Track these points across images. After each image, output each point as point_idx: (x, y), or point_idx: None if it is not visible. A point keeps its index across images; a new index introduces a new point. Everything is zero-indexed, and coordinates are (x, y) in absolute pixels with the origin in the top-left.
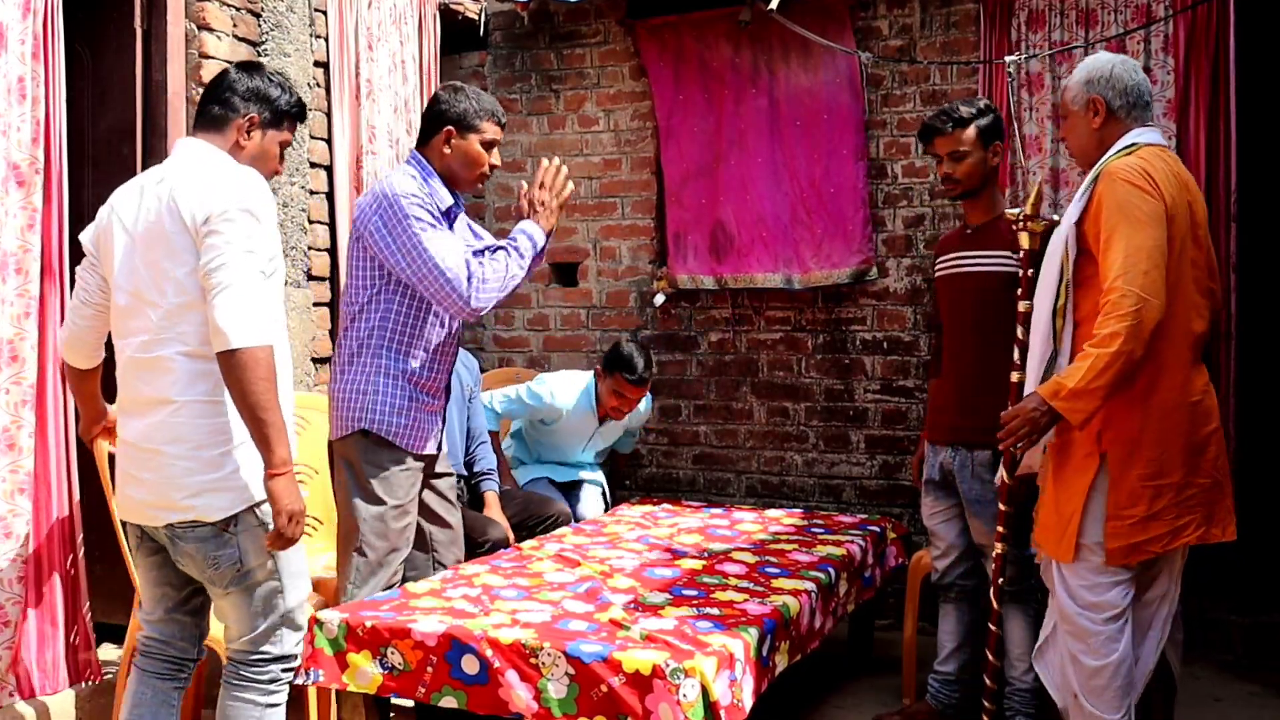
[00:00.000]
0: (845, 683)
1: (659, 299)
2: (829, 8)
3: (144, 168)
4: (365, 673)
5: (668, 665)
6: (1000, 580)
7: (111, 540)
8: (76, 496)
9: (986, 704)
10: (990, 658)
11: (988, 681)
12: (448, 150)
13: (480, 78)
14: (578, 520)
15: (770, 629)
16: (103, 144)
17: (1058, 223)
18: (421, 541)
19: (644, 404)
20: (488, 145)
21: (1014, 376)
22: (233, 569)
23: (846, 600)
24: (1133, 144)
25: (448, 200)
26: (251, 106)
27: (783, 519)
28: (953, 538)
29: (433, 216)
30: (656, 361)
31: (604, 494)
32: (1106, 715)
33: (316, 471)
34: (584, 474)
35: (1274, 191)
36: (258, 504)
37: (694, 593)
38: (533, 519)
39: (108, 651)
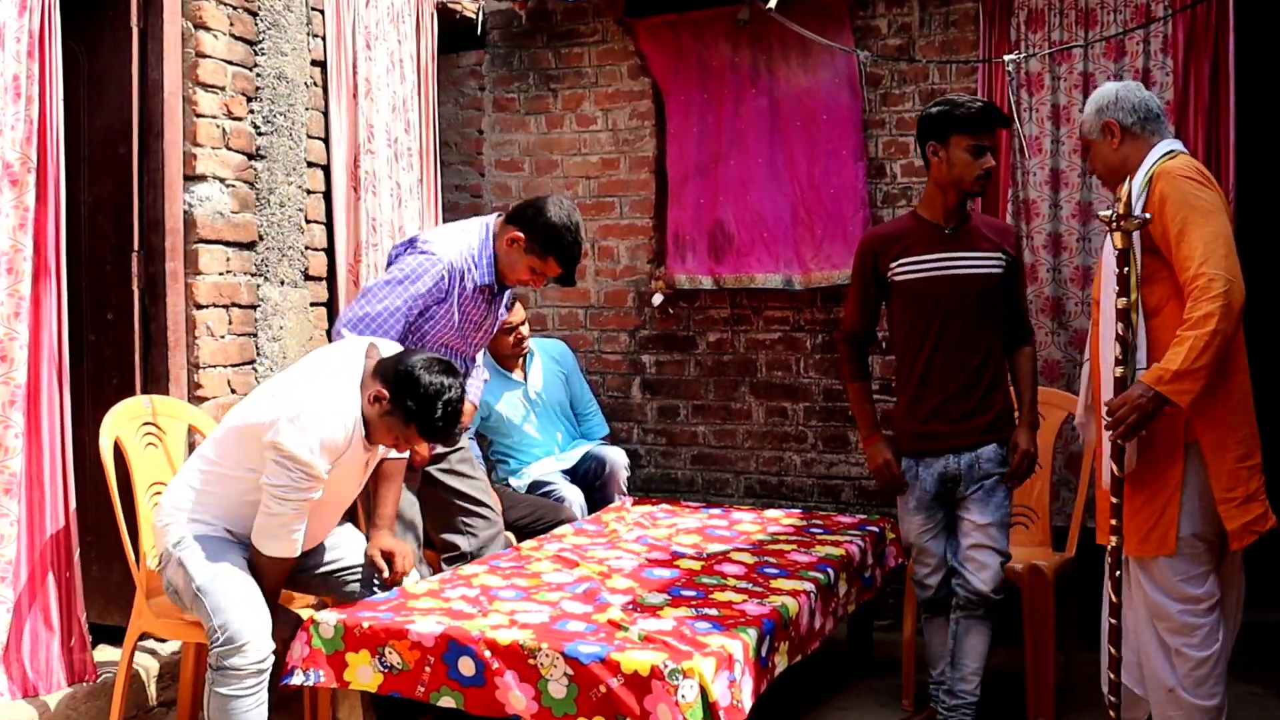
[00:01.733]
0: (845, 683)
1: (657, 299)
2: (828, 7)
3: (140, 167)
4: (363, 673)
5: (666, 666)
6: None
7: (111, 542)
8: (73, 498)
9: (1110, 698)
10: (1112, 652)
11: (1111, 676)
12: (507, 247)
13: (478, 77)
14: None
15: (769, 629)
16: (98, 144)
17: (1150, 220)
18: (451, 507)
19: (558, 348)
20: (537, 271)
21: (1117, 371)
22: None
23: (846, 601)
24: (1171, 150)
25: (489, 278)
26: (376, 384)
27: (781, 519)
28: (941, 551)
29: (421, 283)
30: (655, 362)
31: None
32: (1206, 703)
33: None
34: (588, 444)
35: (1274, 191)
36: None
37: (692, 593)
38: (541, 524)
39: (106, 652)
